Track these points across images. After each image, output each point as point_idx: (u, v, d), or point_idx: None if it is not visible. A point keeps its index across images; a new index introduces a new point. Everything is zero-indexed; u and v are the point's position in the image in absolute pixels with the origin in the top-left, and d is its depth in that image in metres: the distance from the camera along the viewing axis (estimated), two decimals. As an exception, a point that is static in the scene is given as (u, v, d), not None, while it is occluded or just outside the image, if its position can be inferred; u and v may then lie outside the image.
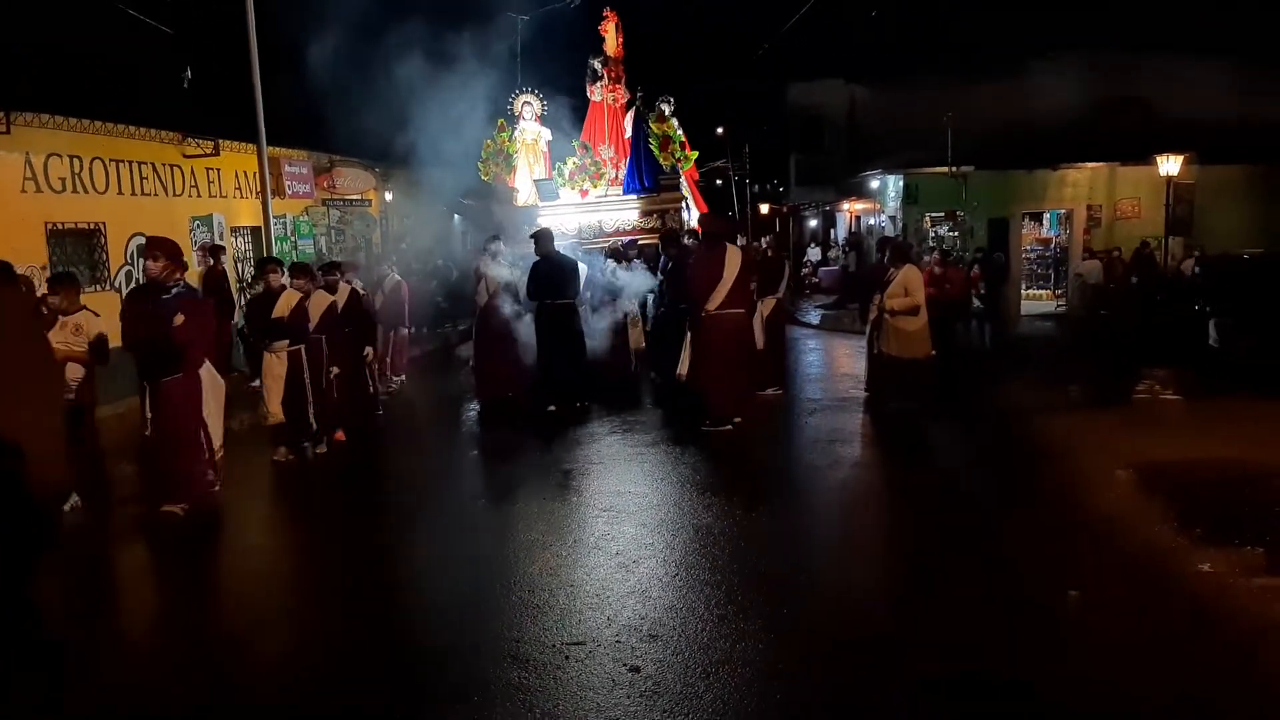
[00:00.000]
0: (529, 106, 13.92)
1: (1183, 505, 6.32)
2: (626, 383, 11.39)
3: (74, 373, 7.04)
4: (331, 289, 9.51)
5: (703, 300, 9.11)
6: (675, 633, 4.68)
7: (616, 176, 13.91)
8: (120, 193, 12.50)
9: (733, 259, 9.13)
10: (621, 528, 6.39)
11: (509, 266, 10.91)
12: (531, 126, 13.89)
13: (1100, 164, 20.56)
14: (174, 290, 6.70)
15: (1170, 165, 17.29)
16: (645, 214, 13.44)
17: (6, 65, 10.19)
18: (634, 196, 13.52)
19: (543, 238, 10.51)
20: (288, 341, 8.39)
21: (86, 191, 11.90)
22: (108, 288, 12.21)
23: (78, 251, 11.79)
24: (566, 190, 13.57)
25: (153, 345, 6.58)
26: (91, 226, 12.02)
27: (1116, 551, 5.75)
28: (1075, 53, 19.73)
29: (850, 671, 4.35)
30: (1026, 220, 21.59)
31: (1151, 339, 13.64)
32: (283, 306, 8.37)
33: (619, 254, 12.01)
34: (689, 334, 9.43)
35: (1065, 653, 4.44)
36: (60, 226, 11.40)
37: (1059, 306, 20.69)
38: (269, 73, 12.54)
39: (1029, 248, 21.89)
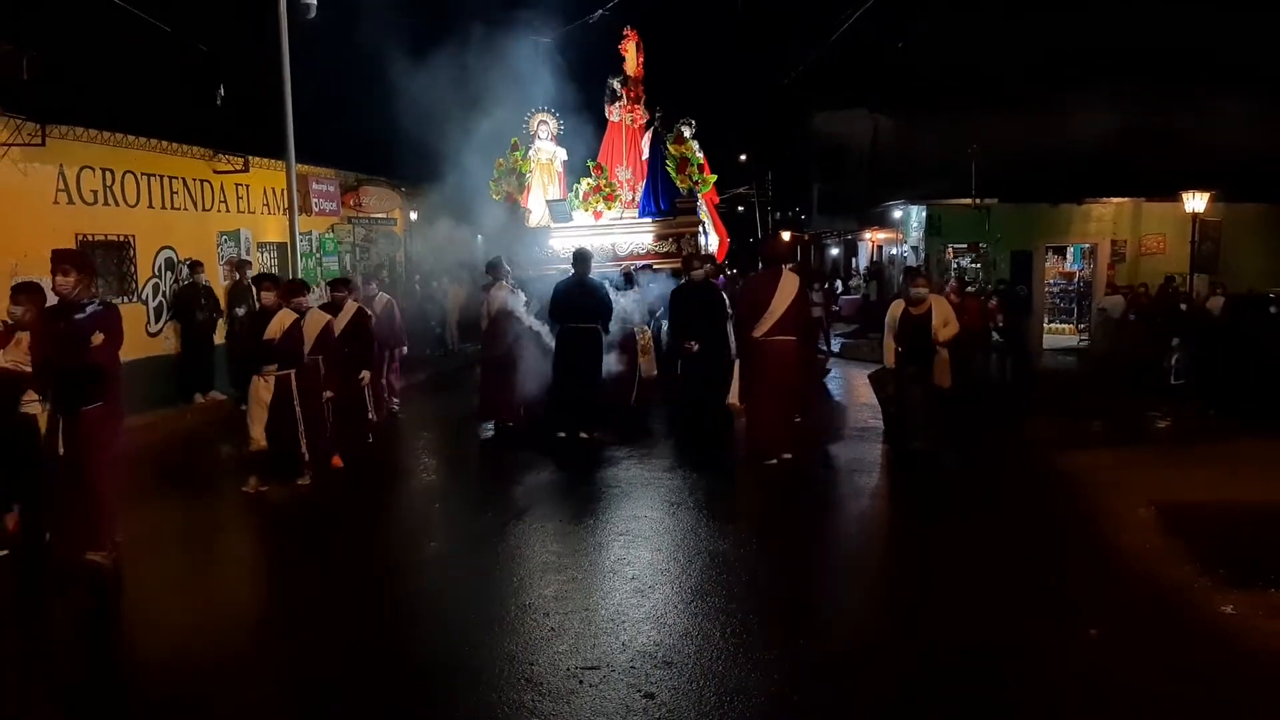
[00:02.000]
0: (545, 125, 13.63)
1: (1205, 545, 6.26)
2: (631, 410, 11.07)
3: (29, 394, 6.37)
4: (337, 307, 9.26)
5: (749, 325, 8.87)
6: (690, 660, 4.66)
7: (633, 199, 13.64)
8: (151, 206, 12.66)
9: (788, 284, 8.86)
10: (637, 552, 6.38)
11: (511, 290, 10.66)
12: (547, 146, 13.64)
13: (1125, 199, 20.48)
14: (89, 307, 6.08)
15: (1196, 202, 17.20)
16: (660, 238, 13.07)
17: (43, 79, 10.37)
18: (649, 220, 13.21)
19: (581, 258, 10.28)
20: (276, 365, 7.92)
21: (118, 204, 12.07)
22: (135, 300, 12.35)
23: (107, 263, 11.93)
24: (580, 212, 13.30)
25: (69, 370, 5.95)
26: (121, 239, 12.19)
27: (1137, 590, 5.68)
28: (1101, 86, 19.71)
29: (865, 704, 4.31)
30: (1050, 254, 21.50)
31: (1167, 375, 13.55)
32: (275, 328, 7.90)
33: (628, 278, 11.90)
34: (738, 360, 9.22)
35: (1084, 689, 4.38)
36: (91, 238, 11.56)
37: (1081, 341, 20.56)
38: (299, 92, 12.72)
39: (1052, 281, 21.80)
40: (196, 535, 7.27)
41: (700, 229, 13.36)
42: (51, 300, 6.33)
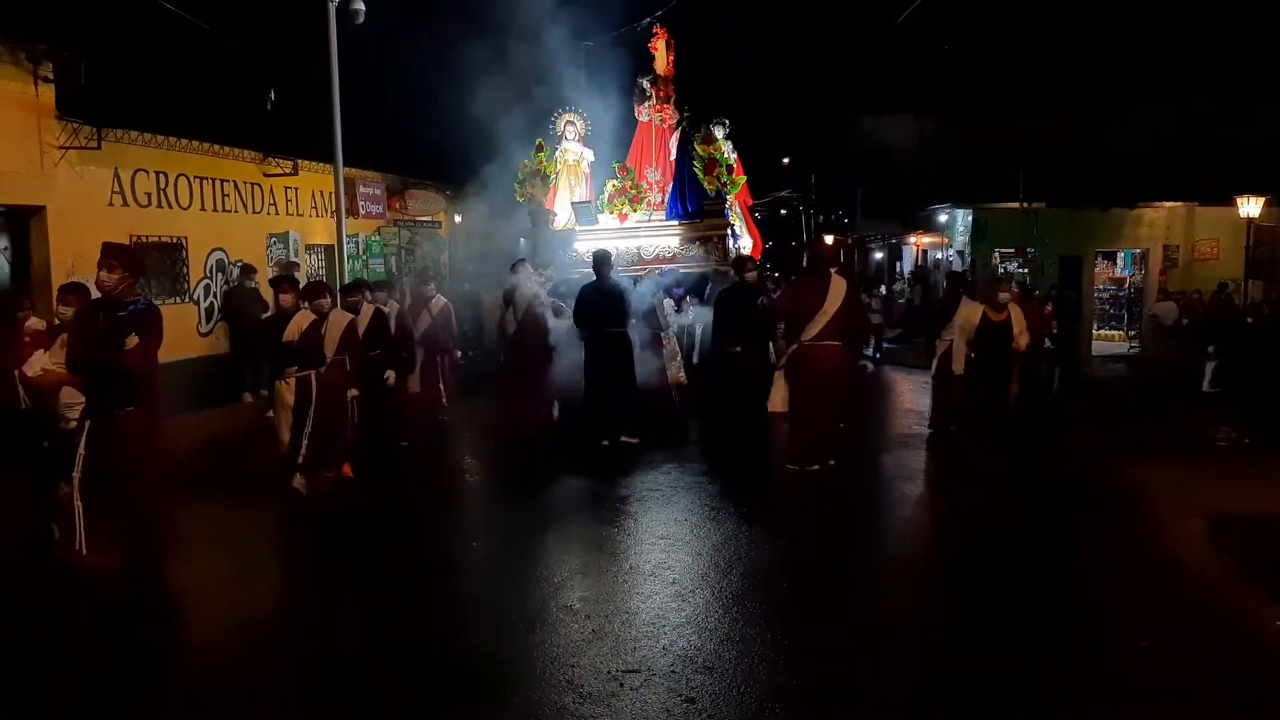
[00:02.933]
0: (572, 126, 13.27)
1: (1258, 558, 6.13)
2: (672, 417, 10.72)
3: (70, 396, 6.19)
4: (354, 310, 9.07)
5: (799, 329, 8.66)
6: (731, 665, 4.65)
7: (661, 201, 13.14)
8: (203, 209, 12.93)
9: (837, 287, 8.67)
10: (677, 556, 6.37)
11: (542, 291, 10.41)
12: (574, 147, 13.31)
13: (1178, 203, 20.12)
14: (131, 306, 5.76)
15: (1251, 207, 16.88)
16: (687, 241, 12.62)
17: (98, 84, 10.62)
18: (675, 222, 12.70)
19: (601, 260, 9.95)
20: (297, 367, 7.84)
21: (171, 207, 12.34)
22: (187, 300, 12.61)
23: (160, 264, 12.20)
24: (605, 214, 12.89)
25: (100, 371, 5.66)
26: (174, 240, 12.45)
27: (1191, 602, 5.57)
28: (1151, 89, 19.41)
29: (909, 711, 4.27)
30: (1099, 259, 21.17)
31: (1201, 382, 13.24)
32: (293, 329, 7.84)
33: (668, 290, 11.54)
34: (783, 365, 8.90)
35: (1141, 706, 4.31)
36: (144, 240, 11.82)
37: (1131, 348, 20.22)
38: (347, 95, 12.89)
39: (1101, 287, 21.46)
40: (238, 535, 7.33)
41: (729, 231, 12.96)
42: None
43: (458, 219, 20.89)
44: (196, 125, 12.45)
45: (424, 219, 19.96)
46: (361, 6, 12.51)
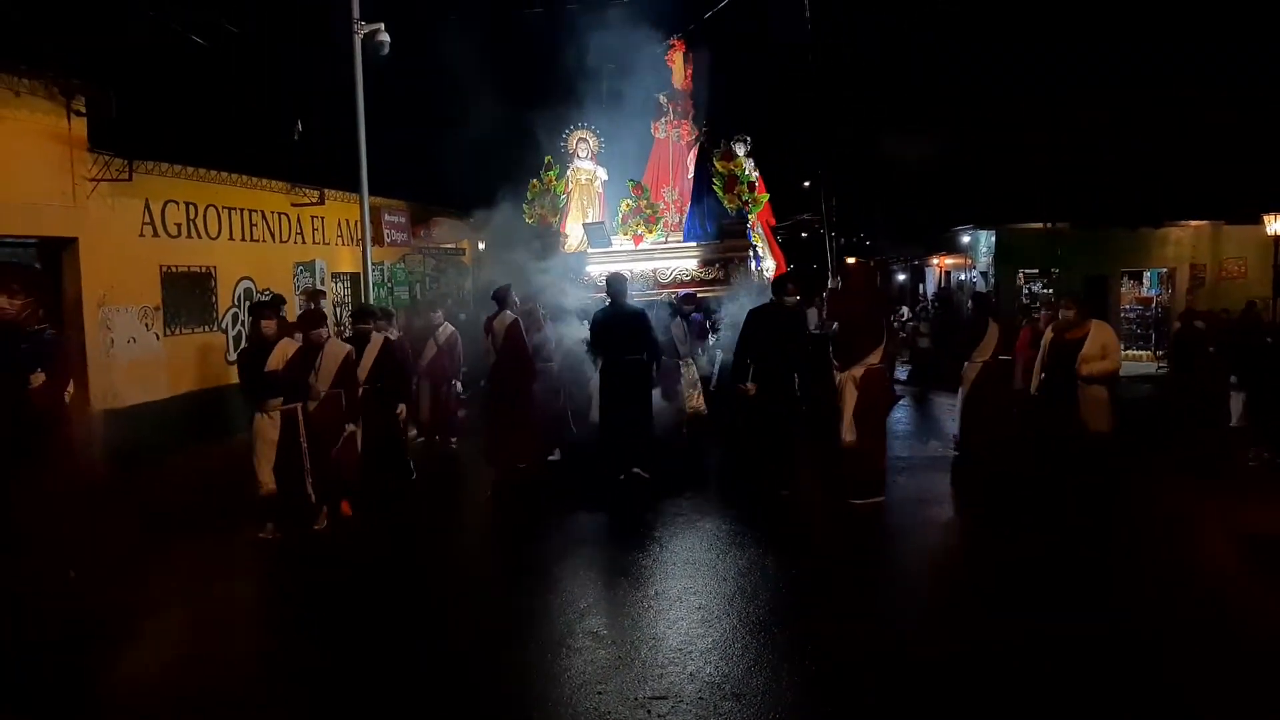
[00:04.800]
0: (584, 143, 12.91)
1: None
2: (687, 448, 10.51)
3: None
4: (363, 338, 8.76)
5: (864, 353, 8.51)
6: (758, 693, 4.62)
7: (678, 221, 12.76)
8: (231, 238, 13.09)
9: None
10: (703, 581, 6.36)
11: (528, 315, 10.14)
12: (586, 165, 12.96)
13: (1204, 222, 19.98)
14: (34, 337, 5.14)
15: (1278, 225, 16.75)
16: (706, 263, 12.07)
17: (130, 117, 10.79)
18: (693, 244, 12.24)
19: (616, 283, 9.49)
20: (281, 400, 7.44)
21: (200, 237, 12.50)
22: (215, 329, 12.74)
23: (189, 294, 12.34)
24: (619, 236, 12.48)
25: (3, 417, 4.85)
26: (203, 270, 12.60)
27: (1227, 628, 5.49)
28: (1176, 106, 19.32)
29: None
30: (1126, 279, 21.04)
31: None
32: (276, 358, 7.40)
33: (675, 308, 11.22)
34: (848, 392, 8.46)
35: None
36: (174, 270, 11.97)
37: (1159, 368, 20.02)
38: (372, 124, 13.02)
39: (1128, 307, 21.32)
40: (255, 567, 7.27)
41: (752, 253, 12.53)
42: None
43: (481, 246, 21.02)
44: (225, 156, 12.61)
45: (448, 246, 20.12)
46: (387, 38, 12.62)
